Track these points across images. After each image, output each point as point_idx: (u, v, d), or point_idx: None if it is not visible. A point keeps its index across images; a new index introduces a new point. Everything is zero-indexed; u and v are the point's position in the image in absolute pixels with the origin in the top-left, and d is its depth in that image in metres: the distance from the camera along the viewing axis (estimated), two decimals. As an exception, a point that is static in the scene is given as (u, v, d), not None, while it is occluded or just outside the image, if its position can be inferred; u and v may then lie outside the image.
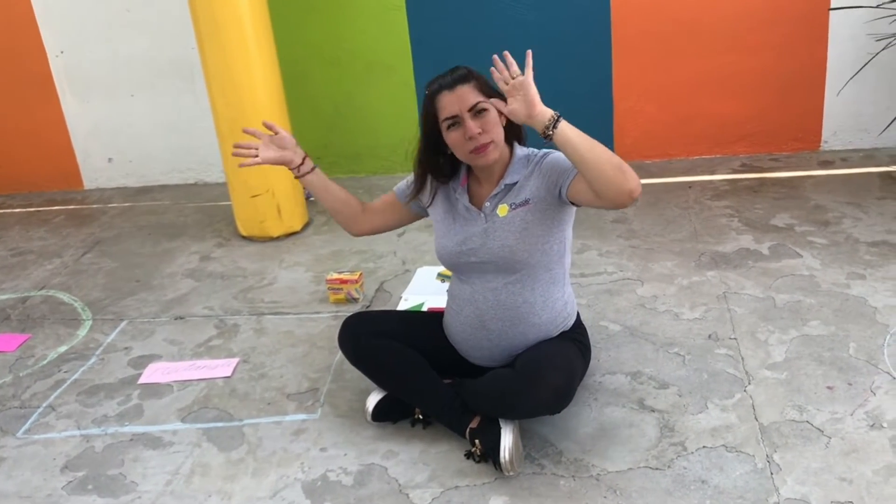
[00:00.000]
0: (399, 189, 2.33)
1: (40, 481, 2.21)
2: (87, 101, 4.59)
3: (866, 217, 3.39)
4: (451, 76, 2.06)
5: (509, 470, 2.01)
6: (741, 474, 1.98)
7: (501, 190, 2.13)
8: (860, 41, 3.90)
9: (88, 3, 4.37)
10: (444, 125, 2.06)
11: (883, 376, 2.31)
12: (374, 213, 2.36)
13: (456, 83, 2.04)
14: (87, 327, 3.08)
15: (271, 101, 3.59)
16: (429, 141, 2.13)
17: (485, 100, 2.03)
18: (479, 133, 2.02)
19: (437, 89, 2.06)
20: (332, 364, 2.64)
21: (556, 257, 2.16)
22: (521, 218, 2.09)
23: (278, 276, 3.38)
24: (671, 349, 2.54)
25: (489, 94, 2.03)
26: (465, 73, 2.06)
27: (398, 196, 2.32)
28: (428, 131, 2.11)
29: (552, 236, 2.12)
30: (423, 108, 2.12)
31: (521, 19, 4.10)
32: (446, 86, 2.04)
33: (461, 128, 2.03)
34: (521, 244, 2.09)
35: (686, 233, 3.39)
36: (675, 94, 4.20)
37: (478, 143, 2.03)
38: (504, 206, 2.12)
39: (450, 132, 2.06)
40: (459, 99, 2.02)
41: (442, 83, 2.06)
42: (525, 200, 2.10)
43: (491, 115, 2.04)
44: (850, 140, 4.22)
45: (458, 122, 2.03)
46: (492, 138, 2.04)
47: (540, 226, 2.09)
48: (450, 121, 2.04)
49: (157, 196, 4.57)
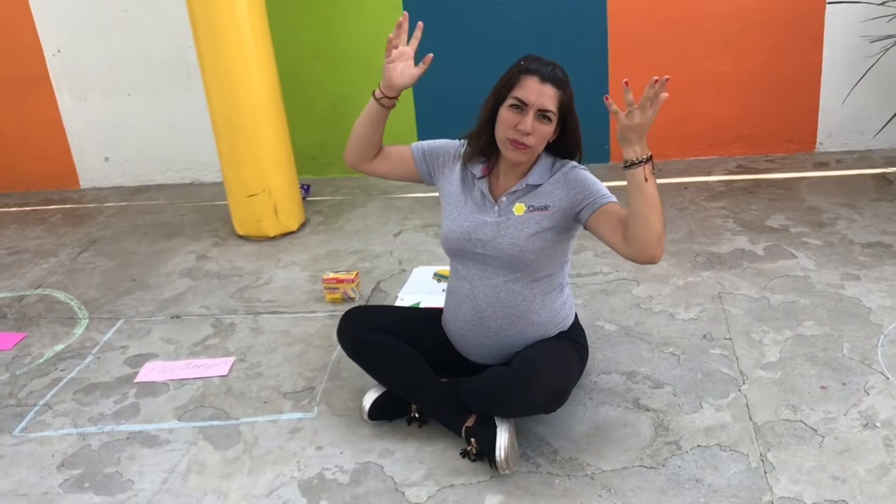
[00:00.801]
0: (416, 147, 2.29)
1: (37, 479, 2.21)
2: (83, 100, 4.58)
3: (861, 218, 3.40)
4: (551, 69, 2.03)
5: (505, 468, 2.02)
6: (735, 473, 1.99)
7: (522, 189, 2.13)
8: (855, 43, 3.91)
9: (85, 1, 4.36)
10: (509, 101, 2.04)
11: (876, 376, 2.32)
12: (384, 159, 2.30)
13: (549, 79, 2.02)
14: (83, 326, 3.08)
15: (268, 101, 3.59)
16: (491, 107, 2.08)
17: (555, 112, 2.03)
18: (529, 133, 2.02)
19: (532, 70, 2.03)
20: (329, 363, 2.65)
21: (558, 262, 2.18)
22: (537, 222, 2.10)
23: (275, 275, 3.39)
24: (666, 349, 2.55)
25: (566, 110, 2.04)
26: (563, 79, 2.05)
27: (413, 153, 2.28)
28: (495, 95, 2.07)
29: (560, 244, 2.14)
30: (506, 73, 2.08)
31: (517, 20, 4.10)
32: (540, 74, 2.02)
33: (520, 114, 2.02)
34: (531, 246, 2.10)
35: (681, 233, 3.40)
36: (670, 95, 4.16)
37: (520, 138, 2.03)
38: (521, 205, 2.12)
39: (508, 110, 2.04)
40: (541, 94, 2.01)
41: (540, 69, 2.03)
42: (545, 206, 2.10)
43: (547, 128, 2.05)
44: (845, 142, 4.24)
45: (523, 108, 2.02)
46: (533, 144, 2.05)
47: (552, 233, 2.11)
48: (517, 101, 2.03)
49: (154, 195, 4.57)
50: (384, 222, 3.84)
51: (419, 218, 3.83)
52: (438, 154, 2.27)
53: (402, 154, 2.29)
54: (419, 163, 2.28)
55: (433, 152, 2.28)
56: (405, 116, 4.36)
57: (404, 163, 2.29)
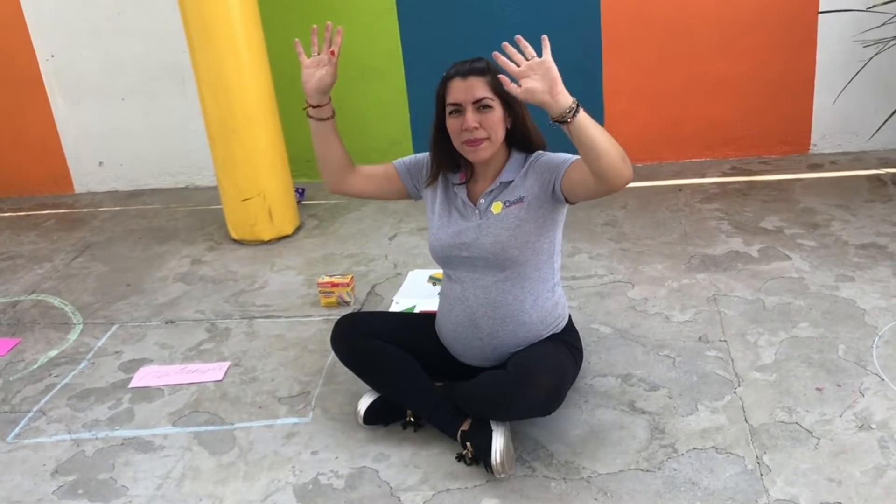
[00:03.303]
0: (399, 163, 2.32)
1: (31, 486, 2.20)
2: (77, 104, 4.58)
3: (855, 220, 3.41)
4: (468, 65, 2.07)
5: (500, 472, 2.02)
6: (731, 475, 1.99)
7: (497, 187, 2.15)
8: (848, 45, 3.92)
9: (79, 6, 4.36)
10: (448, 110, 2.08)
11: (871, 378, 2.32)
12: (367, 178, 2.32)
13: (470, 73, 2.05)
14: (77, 331, 3.07)
15: (262, 105, 3.59)
16: (437, 123, 2.14)
17: (492, 97, 2.04)
18: (475, 127, 2.03)
19: (452, 74, 2.08)
20: (324, 367, 2.64)
21: (545, 257, 2.17)
22: (515, 215, 2.11)
23: (269, 279, 3.38)
24: (661, 351, 2.55)
25: (501, 93, 2.03)
26: (483, 67, 2.06)
27: (397, 169, 2.31)
28: (437, 112, 2.13)
29: (543, 235, 2.14)
30: (437, 88, 2.12)
31: (511, 23, 4.11)
32: (460, 73, 2.06)
33: (461, 116, 2.05)
34: (513, 241, 2.10)
35: (676, 235, 3.40)
36: (665, 98, 4.22)
37: (472, 137, 2.05)
38: (498, 203, 2.13)
39: (451, 118, 2.08)
40: (468, 89, 2.03)
41: (458, 69, 2.07)
42: (519, 198, 2.12)
43: (494, 114, 2.06)
44: (839, 143, 4.24)
45: (461, 110, 2.05)
46: (488, 135, 2.06)
47: (532, 223, 2.11)
48: (452, 107, 2.06)
49: (148, 200, 4.56)
50: (379, 226, 3.84)
51: (414, 221, 3.83)
52: (421, 166, 2.29)
53: (387, 172, 2.32)
54: (405, 177, 2.30)
55: (416, 165, 2.30)
56: (401, 122, 4.36)
57: (390, 180, 2.32)
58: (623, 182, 1.89)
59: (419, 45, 4.25)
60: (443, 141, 2.15)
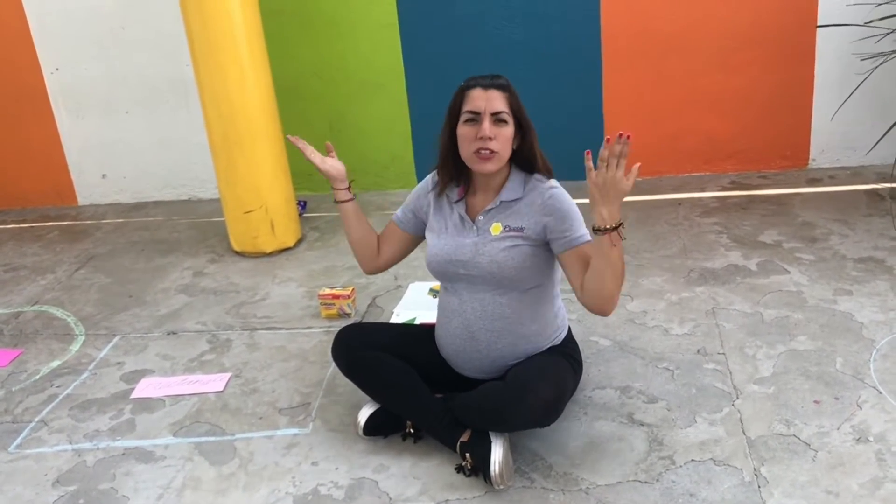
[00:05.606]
0: (397, 217, 2.37)
1: (32, 496, 2.21)
2: (81, 117, 4.61)
3: (853, 234, 3.42)
4: (490, 79, 2.10)
5: (499, 484, 2.03)
6: (729, 487, 2.00)
7: (497, 206, 2.16)
8: (847, 60, 3.95)
9: (83, 20, 4.40)
10: (463, 117, 2.09)
11: (869, 391, 2.33)
12: (387, 245, 2.39)
13: (492, 86, 2.08)
14: (79, 342, 3.09)
15: (265, 119, 3.62)
16: (449, 132, 2.15)
17: (509, 113, 2.07)
18: (490, 137, 2.05)
19: (472, 84, 2.10)
20: (324, 379, 2.66)
21: (545, 273, 2.19)
22: (513, 241, 2.12)
23: (271, 291, 3.40)
24: (660, 364, 2.56)
25: (517, 112, 2.08)
26: (505, 83, 2.10)
27: (400, 221, 2.36)
28: (448, 122, 2.14)
29: (541, 257, 2.16)
30: (452, 99, 2.14)
31: (512, 38, 4.14)
32: (482, 84, 2.08)
33: (477, 125, 2.06)
34: (510, 262, 2.12)
35: (675, 249, 3.42)
36: (664, 112, 4.25)
37: (484, 146, 2.06)
38: (498, 224, 2.14)
39: (464, 126, 2.09)
40: (489, 100, 2.06)
41: (479, 81, 2.10)
42: (521, 228, 2.13)
43: (507, 130, 2.08)
44: (838, 158, 4.27)
45: (477, 119, 2.06)
46: (498, 149, 2.07)
47: (530, 250, 2.13)
48: (470, 115, 2.08)
49: (151, 212, 4.58)
50: (380, 238, 3.85)
51: (415, 234, 3.84)
52: (419, 202, 2.32)
53: (395, 232, 2.38)
54: (409, 223, 2.34)
55: (414, 203, 2.34)
56: (402, 135, 4.39)
57: (396, 235, 2.38)
58: (598, 311, 2.06)
59: (421, 60, 4.28)
60: (454, 151, 2.16)
